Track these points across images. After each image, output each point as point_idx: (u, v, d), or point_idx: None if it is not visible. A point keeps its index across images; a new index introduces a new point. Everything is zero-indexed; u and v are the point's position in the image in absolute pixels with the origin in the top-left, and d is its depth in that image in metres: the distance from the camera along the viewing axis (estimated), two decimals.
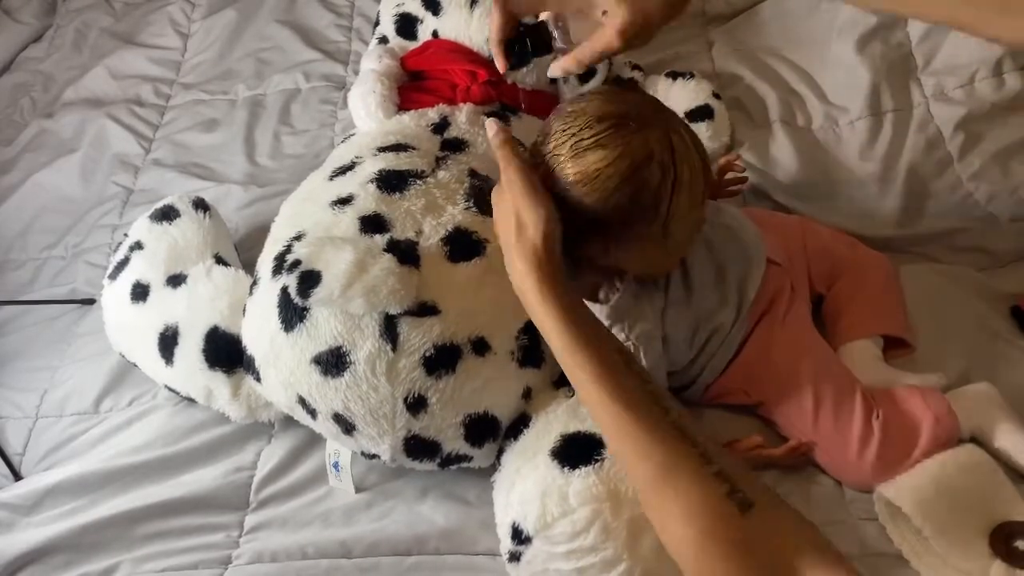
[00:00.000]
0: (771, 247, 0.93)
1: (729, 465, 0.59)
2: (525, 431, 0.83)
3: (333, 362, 0.79)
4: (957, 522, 0.79)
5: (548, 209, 0.70)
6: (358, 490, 0.91)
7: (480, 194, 0.85)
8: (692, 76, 1.21)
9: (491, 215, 0.74)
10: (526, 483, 0.78)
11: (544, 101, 1.13)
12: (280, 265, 0.84)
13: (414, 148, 0.94)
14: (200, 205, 1.07)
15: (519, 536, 0.77)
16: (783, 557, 0.53)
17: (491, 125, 0.76)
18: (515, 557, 0.78)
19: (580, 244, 0.75)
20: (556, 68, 0.76)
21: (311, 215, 0.88)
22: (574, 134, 0.74)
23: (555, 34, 0.76)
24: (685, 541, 0.57)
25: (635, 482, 0.63)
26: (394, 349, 0.78)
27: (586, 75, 1.13)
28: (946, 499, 0.81)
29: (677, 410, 0.63)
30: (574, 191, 0.73)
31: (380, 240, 0.82)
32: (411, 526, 0.88)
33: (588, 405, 0.67)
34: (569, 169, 0.73)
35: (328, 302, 0.78)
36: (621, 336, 0.84)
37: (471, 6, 1.08)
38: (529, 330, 0.82)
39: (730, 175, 1.03)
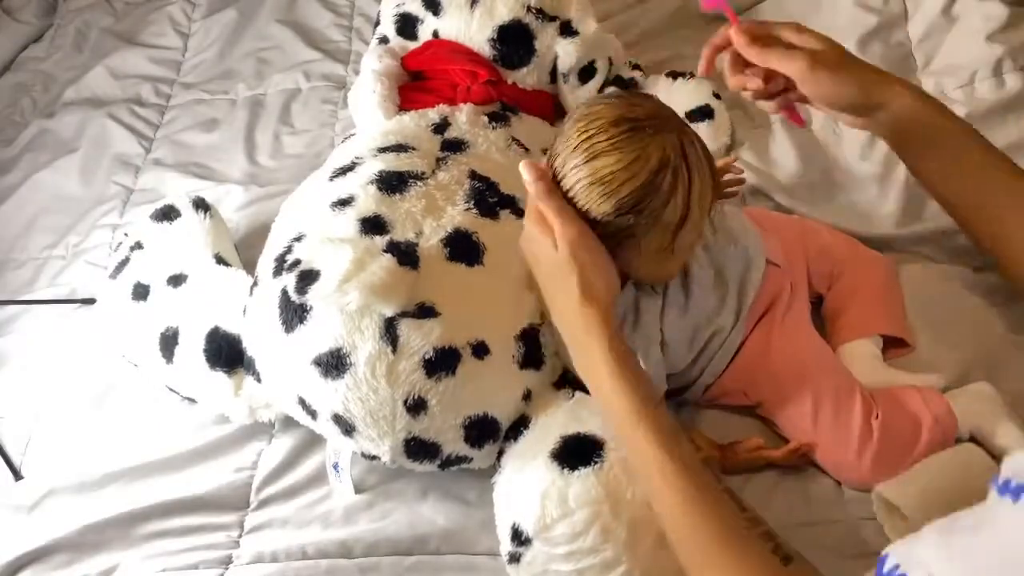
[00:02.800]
0: (770, 248, 0.93)
1: (769, 526, 0.67)
2: (525, 432, 0.83)
3: (333, 364, 0.79)
4: None
5: (615, 272, 0.74)
6: (358, 491, 0.92)
7: (482, 197, 0.85)
8: (692, 76, 1.21)
9: (492, 218, 0.75)
10: (526, 485, 0.78)
11: (544, 101, 1.13)
12: (280, 266, 0.84)
13: (414, 149, 0.94)
14: (200, 205, 1.07)
15: (519, 537, 0.77)
16: None
17: (528, 169, 0.75)
18: (515, 558, 0.78)
19: None
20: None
21: (311, 216, 0.88)
22: (589, 136, 0.74)
23: None
24: None
25: (693, 545, 0.66)
26: (394, 351, 0.78)
27: (586, 74, 1.13)
28: (944, 498, 0.80)
29: (721, 477, 0.70)
30: (585, 194, 0.73)
31: (380, 241, 0.82)
32: (411, 526, 0.88)
33: (648, 471, 0.69)
34: (583, 172, 0.73)
35: (324, 297, 0.78)
36: None
37: (472, 6, 1.08)
38: (529, 332, 0.82)
39: (728, 176, 1.03)
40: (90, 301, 1.17)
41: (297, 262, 0.80)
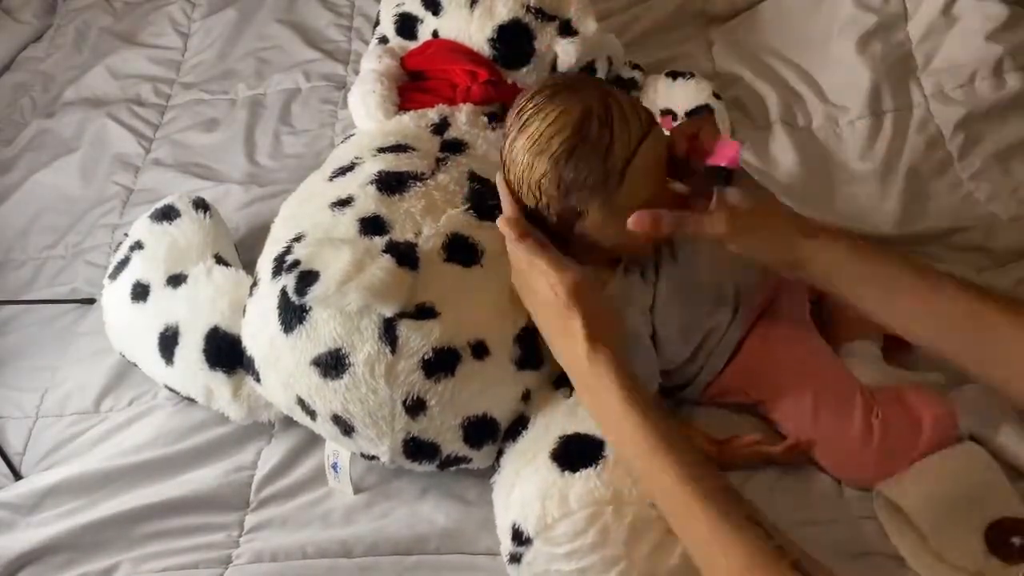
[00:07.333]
0: None
1: (798, 552, 0.62)
2: (524, 433, 0.83)
3: (332, 364, 0.79)
4: (954, 519, 0.79)
5: (616, 312, 0.78)
6: (357, 490, 0.92)
7: (481, 198, 0.85)
8: (692, 76, 1.21)
9: (491, 219, 0.75)
10: (526, 485, 0.78)
11: None
12: (280, 266, 0.84)
13: (414, 149, 0.94)
14: (200, 205, 1.07)
15: (519, 537, 0.77)
16: None
17: (500, 223, 0.79)
18: (516, 558, 0.78)
19: (548, 223, 0.80)
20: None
21: (311, 216, 0.88)
22: (518, 112, 0.80)
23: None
24: None
25: (714, 573, 0.64)
26: (393, 352, 0.78)
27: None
28: (944, 497, 0.81)
29: (748, 500, 0.65)
30: (523, 163, 0.78)
31: (379, 242, 0.82)
32: (411, 526, 0.88)
33: (673, 507, 0.67)
34: (520, 142, 0.79)
35: (324, 298, 0.78)
36: None
37: (471, 6, 1.08)
38: (528, 333, 0.82)
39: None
40: (90, 301, 1.17)
41: (296, 263, 0.80)
